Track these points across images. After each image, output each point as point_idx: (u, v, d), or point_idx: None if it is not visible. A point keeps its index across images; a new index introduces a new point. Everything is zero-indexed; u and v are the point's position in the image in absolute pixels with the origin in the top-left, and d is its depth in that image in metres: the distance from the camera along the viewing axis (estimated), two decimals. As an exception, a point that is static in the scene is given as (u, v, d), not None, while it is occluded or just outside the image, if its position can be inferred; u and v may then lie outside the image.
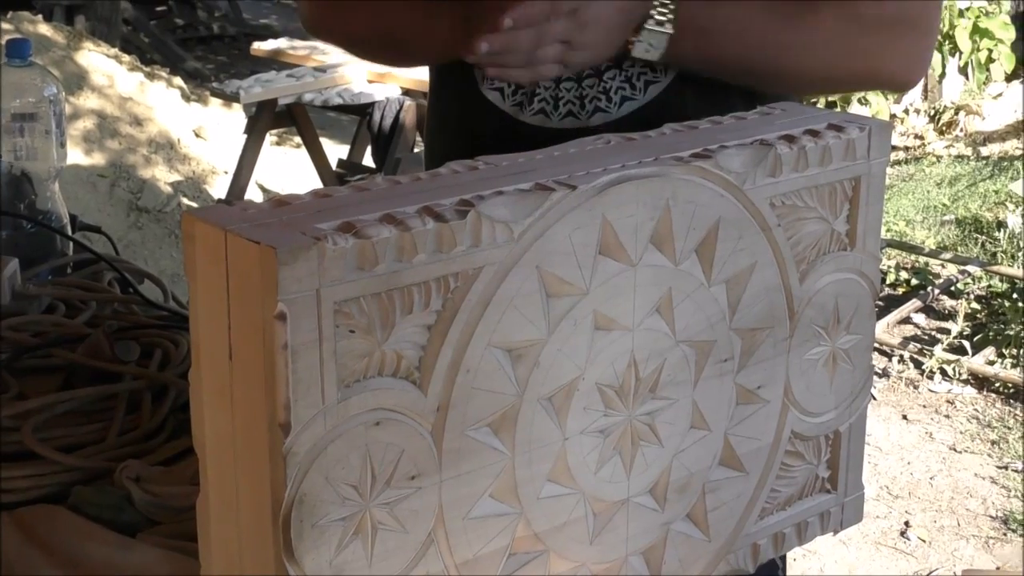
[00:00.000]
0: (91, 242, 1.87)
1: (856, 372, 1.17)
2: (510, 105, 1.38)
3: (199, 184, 5.92)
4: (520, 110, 1.39)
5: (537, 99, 1.38)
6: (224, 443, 0.87)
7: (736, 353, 1.07)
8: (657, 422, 1.03)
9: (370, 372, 0.86)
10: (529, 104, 1.38)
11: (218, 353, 0.85)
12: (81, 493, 1.21)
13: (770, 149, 1.04)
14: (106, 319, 1.55)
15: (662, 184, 0.98)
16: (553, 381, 0.95)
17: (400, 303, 0.86)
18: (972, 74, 6.96)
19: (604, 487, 1.02)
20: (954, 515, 3.52)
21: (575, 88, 1.39)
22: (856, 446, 1.20)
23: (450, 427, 0.90)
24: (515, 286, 0.91)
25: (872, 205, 1.13)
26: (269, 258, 0.79)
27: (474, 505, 0.94)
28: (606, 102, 1.40)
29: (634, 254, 0.97)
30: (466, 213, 0.87)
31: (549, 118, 1.38)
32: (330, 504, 0.85)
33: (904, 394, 4.22)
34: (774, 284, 1.08)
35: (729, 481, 1.11)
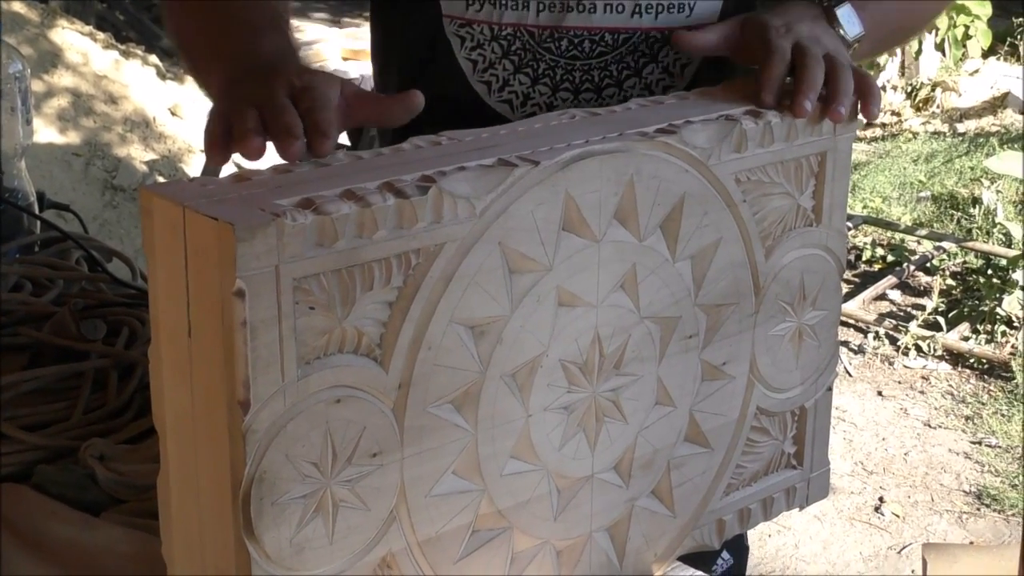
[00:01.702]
0: (63, 221, 1.86)
1: (822, 348, 1.17)
2: (476, 80, 1.37)
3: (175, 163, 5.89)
4: (488, 91, 1.37)
5: (508, 89, 1.36)
6: (184, 421, 0.87)
7: (701, 329, 1.07)
8: (622, 398, 1.03)
9: (330, 349, 0.86)
10: (499, 90, 1.36)
11: (177, 330, 0.85)
12: (45, 472, 1.20)
13: (735, 124, 1.04)
14: (73, 297, 1.54)
15: (626, 159, 0.97)
16: (516, 358, 0.95)
17: (360, 280, 0.85)
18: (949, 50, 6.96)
19: (568, 464, 1.01)
20: (928, 490, 3.53)
21: (549, 94, 1.36)
22: (822, 422, 1.21)
23: (412, 404, 0.90)
24: (477, 262, 0.91)
25: (838, 181, 1.13)
26: (227, 234, 0.79)
27: (436, 482, 0.93)
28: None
29: (598, 230, 0.97)
30: (427, 189, 0.87)
31: (513, 111, 1.36)
32: (290, 482, 0.85)
33: (879, 370, 4.23)
34: (739, 260, 1.08)
35: (694, 457, 1.11)
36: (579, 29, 1.33)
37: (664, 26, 1.34)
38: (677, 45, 1.20)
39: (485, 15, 1.33)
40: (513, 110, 1.37)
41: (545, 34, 1.34)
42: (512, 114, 1.37)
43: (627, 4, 1.33)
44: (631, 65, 1.36)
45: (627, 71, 1.36)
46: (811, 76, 1.09)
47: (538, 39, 1.34)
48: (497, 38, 1.34)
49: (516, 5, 1.33)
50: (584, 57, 1.35)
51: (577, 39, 1.34)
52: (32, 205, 1.77)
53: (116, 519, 1.15)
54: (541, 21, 1.33)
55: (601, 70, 1.35)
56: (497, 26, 1.34)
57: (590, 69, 1.35)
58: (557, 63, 1.35)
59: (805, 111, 1.08)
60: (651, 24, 1.34)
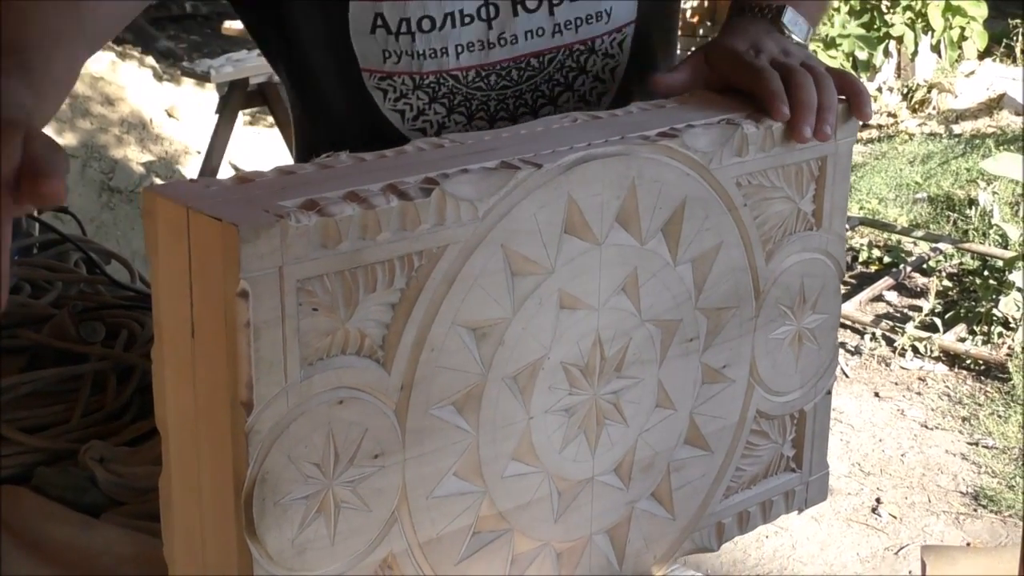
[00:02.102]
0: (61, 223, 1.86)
1: (822, 352, 1.17)
2: (409, 129, 1.35)
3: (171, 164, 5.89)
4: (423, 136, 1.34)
5: (445, 132, 1.34)
6: (186, 421, 0.87)
7: (702, 332, 1.07)
8: (622, 401, 1.03)
9: (333, 350, 0.86)
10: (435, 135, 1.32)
11: (180, 331, 0.85)
12: (44, 474, 1.20)
13: (737, 128, 1.04)
14: (71, 300, 1.54)
15: (628, 163, 0.98)
16: (518, 360, 0.95)
17: (364, 281, 0.86)
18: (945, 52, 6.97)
19: (569, 466, 1.02)
20: (925, 491, 3.54)
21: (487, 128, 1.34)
22: (821, 425, 1.21)
23: (414, 406, 0.90)
24: (480, 265, 0.91)
25: (838, 185, 1.13)
26: (231, 235, 0.79)
27: (438, 484, 0.94)
28: None
29: (600, 233, 0.97)
30: (430, 191, 0.87)
31: None
32: (292, 483, 0.85)
33: (876, 371, 4.24)
34: (740, 264, 1.08)
35: (694, 460, 1.11)
36: (504, 62, 1.32)
37: (587, 37, 1.34)
38: (655, 90, 1.20)
39: (404, 67, 1.31)
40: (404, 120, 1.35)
41: (471, 75, 1.32)
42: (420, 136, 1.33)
43: (546, 26, 1.32)
44: (561, 81, 1.35)
45: (559, 87, 1.36)
46: (805, 98, 1.09)
47: (464, 81, 1.32)
48: (420, 87, 1.32)
49: (435, 54, 1.30)
50: (514, 85, 1.34)
51: (504, 71, 1.33)
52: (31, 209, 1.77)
53: (115, 521, 1.15)
54: (463, 63, 1.31)
55: (533, 92, 1.35)
56: (418, 75, 1.31)
57: (522, 94, 1.35)
58: (488, 97, 1.34)
59: (805, 137, 1.08)
60: (573, 39, 1.34)
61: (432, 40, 1.29)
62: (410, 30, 1.29)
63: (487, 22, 1.30)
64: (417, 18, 1.28)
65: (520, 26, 1.31)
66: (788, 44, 1.21)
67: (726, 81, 1.16)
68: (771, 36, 1.22)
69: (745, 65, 1.14)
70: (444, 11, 1.28)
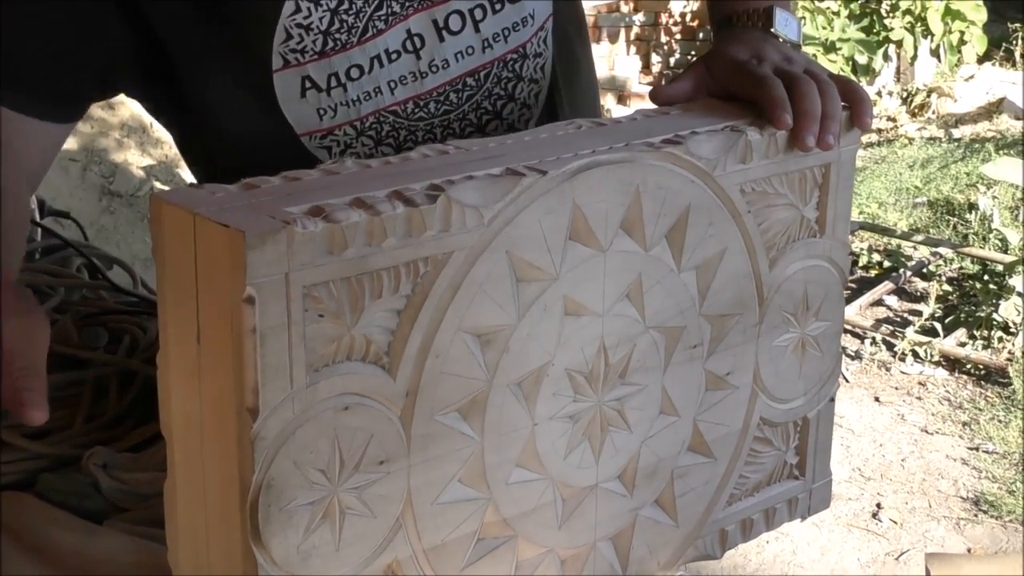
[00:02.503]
0: (62, 227, 1.86)
1: (825, 359, 1.18)
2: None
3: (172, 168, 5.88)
4: None
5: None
6: (192, 427, 0.87)
7: (705, 339, 1.07)
8: (626, 408, 1.03)
9: (339, 357, 0.86)
10: None
11: (186, 336, 0.85)
12: (47, 480, 1.20)
13: (741, 135, 1.04)
14: (74, 305, 1.54)
15: (632, 170, 0.98)
16: (522, 366, 0.95)
17: (370, 287, 0.86)
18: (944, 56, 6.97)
19: (573, 473, 1.02)
20: (925, 496, 3.54)
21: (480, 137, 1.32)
22: (824, 433, 1.21)
23: (419, 412, 0.90)
24: (485, 271, 0.91)
25: (841, 192, 1.13)
26: (238, 242, 0.79)
27: (443, 490, 0.94)
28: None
29: (604, 239, 0.97)
30: (436, 198, 0.87)
31: None
32: (298, 488, 0.85)
33: (876, 376, 4.24)
34: (744, 270, 1.08)
35: (697, 467, 1.11)
36: (439, 88, 1.31)
37: (516, 44, 1.33)
38: (656, 100, 1.19)
39: (342, 117, 1.28)
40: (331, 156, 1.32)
41: (409, 107, 1.30)
42: None
43: (475, 44, 1.30)
44: (502, 94, 1.34)
45: (500, 100, 1.35)
46: (809, 107, 1.09)
47: (404, 115, 1.30)
48: (363, 132, 1.30)
49: (368, 96, 1.28)
50: (455, 108, 1.32)
51: (441, 96, 1.31)
52: (33, 213, 1.77)
53: (119, 527, 1.15)
54: (398, 97, 1.29)
55: (476, 110, 1.33)
56: (358, 121, 1.29)
57: (465, 115, 1.33)
58: (432, 125, 1.32)
59: (809, 146, 1.08)
60: (504, 49, 1.33)
61: (364, 84, 1.27)
62: (340, 82, 1.26)
63: (414, 53, 1.28)
64: (344, 69, 1.26)
65: (449, 50, 1.29)
66: (789, 51, 1.21)
67: (728, 90, 1.16)
68: (770, 43, 1.21)
69: (747, 74, 1.14)
70: (369, 55, 1.26)
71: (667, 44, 7.54)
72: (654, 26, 7.49)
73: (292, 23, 1.23)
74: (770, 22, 1.23)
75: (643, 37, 7.49)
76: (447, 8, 1.28)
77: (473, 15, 1.30)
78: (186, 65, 1.27)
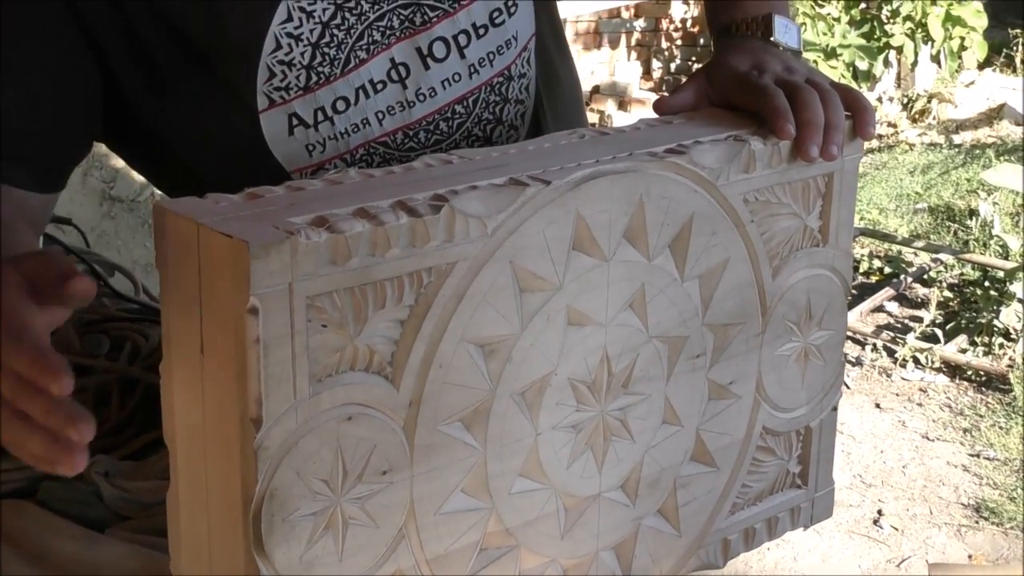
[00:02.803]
0: (63, 233, 1.86)
1: (828, 368, 1.18)
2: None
3: (172, 171, 5.88)
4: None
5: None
6: (195, 437, 0.87)
7: (708, 349, 1.07)
8: (629, 417, 1.03)
9: (342, 367, 0.86)
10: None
11: (189, 347, 0.85)
12: (49, 488, 1.20)
13: (744, 145, 1.04)
14: (75, 312, 1.53)
15: (636, 179, 0.98)
16: (526, 376, 0.95)
17: (373, 298, 0.86)
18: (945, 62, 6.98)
19: (576, 482, 1.02)
20: (926, 503, 3.54)
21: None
22: (827, 442, 1.21)
23: (422, 422, 0.90)
24: (488, 281, 0.91)
25: (844, 201, 1.13)
26: (241, 252, 0.79)
27: (445, 500, 0.94)
28: None
29: (608, 249, 0.97)
30: (440, 208, 0.87)
31: None
32: (301, 499, 0.85)
33: (877, 382, 4.23)
34: (747, 280, 1.08)
35: (700, 476, 1.11)
36: (428, 116, 1.29)
37: (502, 67, 1.32)
38: (659, 111, 1.19)
39: (331, 151, 1.27)
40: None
41: (399, 137, 1.29)
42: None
43: (462, 71, 1.29)
44: (490, 119, 1.33)
45: (489, 124, 1.33)
46: (811, 117, 1.09)
47: (394, 146, 1.29)
48: (352, 166, 1.28)
49: (356, 128, 1.27)
50: (447, 137, 1.31)
51: (431, 125, 1.30)
52: (36, 217, 1.77)
53: (121, 536, 1.15)
54: (387, 127, 1.28)
55: (467, 138, 1.32)
56: (348, 154, 1.27)
57: (457, 144, 1.32)
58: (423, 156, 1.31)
59: (812, 157, 1.08)
60: (491, 73, 1.31)
61: (351, 116, 1.26)
62: (327, 116, 1.25)
63: (400, 83, 1.27)
64: (331, 102, 1.25)
65: (435, 77, 1.28)
66: (790, 59, 1.21)
67: (730, 101, 1.16)
68: (771, 53, 1.21)
69: (749, 85, 1.14)
70: (354, 86, 1.25)
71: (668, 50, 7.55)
72: (655, 32, 7.50)
73: (274, 60, 1.21)
74: (770, 31, 1.23)
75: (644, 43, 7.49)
76: (430, 36, 1.27)
77: (457, 41, 1.28)
78: (168, 112, 1.25)
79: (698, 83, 1.20)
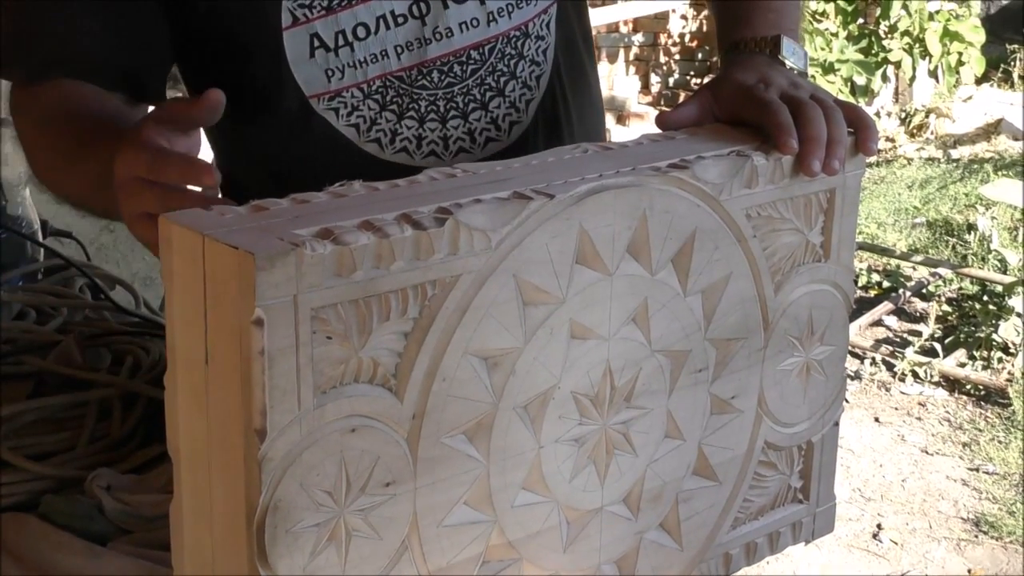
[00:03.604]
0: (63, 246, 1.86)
1: (829, 383, 1.18)
2: (365, 141, 1.36)
3: (171, 183, 5.89)
4: (380, 148, 1.36)
5: (399, 138, 1.36)
6: (199, 448, 0.87)
7: (711, 363, 1.07)
8: (631, 431, 1.04)
9: (346, 379, 0.86)
10: (390, 143, 1.36)
11: (194, 358, 0.85)
12: (51, 502, 1.20)
13: (747, 160, 1.05)
14: (77, 326, 1.54)
15: (639, 194, 0.98)
16: (529, 389, 0.95)
17: (377, 310, 0.86)
18: (942, 77, 6.99)
19: (578, 496, 1.02)
20: (926, 517, 3.53)
21: (439, 128, 1.37)
22: (829, 457, 1.21)
23: (426, 434, 0.90)
24: (492, 294, 0.91)
25: (847, 217, 1.13)
26: (247, 264, 0.79)
27: (448, 513, 0.94)
28: (470, 143, 1.38)
29: (611, 263, 0.98)
30: (444, 221, 0.87)
31: (412, 157, 1.37)
32: (304, 510, 0.85)
33: (876, 396, 4.24)
34: (749, 295, 1.08)
35: (702, 491, 1.11)
36: (444, 57, 1.34)
37: (520, 22, 1.37)
38: (662, 126, 1.20)
39: (349, 79, 1.32)
40: (411, 156, 1.37)
41: (413, 74, 1.34)
42: (412, 161, 1.37)
43: (480, 16, 1.35)
44: (504, 70, 1.38)
45: (503, 76, 1.38)
46: (815, 132, 1.09)
47: (409, 81, 1.34)
48: (369, 96, 1.34)
49: (375, 58, 1.32)
50: (459, 81, 1.36)
51: (445, 67, 1.35)
52: (36, 233, 1.78)
53: (123, 549, 1.15)
54: (404, 63, 1.33)
55: (479, 86, 1.37)
56: (365, 83, 1.33)
57: (469, 90, 1.36)
58: (436, 96, 1.36)
59: (814, 171, 1.08)
60: (508, 26, 1.36)
61: (371, 46, 1.32)
62: (347, 41, 1.31)
63: (420, 19, 1.33)
64: (351, 27, 1.31)
65: (452, 19, 1.33)
66: (796, 76, 1.22)
67: (735, 115, 1.16)
68: (777, 69, 1.22)
69: (754, 99, 1.14)
70: (375, 15, 1.31)
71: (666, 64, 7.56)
72: (653, 46, 7.51)
73: None
74: (778, 49, 1.24)
75: (642, 57, 7.51)
76: None
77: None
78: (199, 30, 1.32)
79: (702, 98, 1.21)
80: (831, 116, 1.11)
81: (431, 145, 1.36)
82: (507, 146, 1.40)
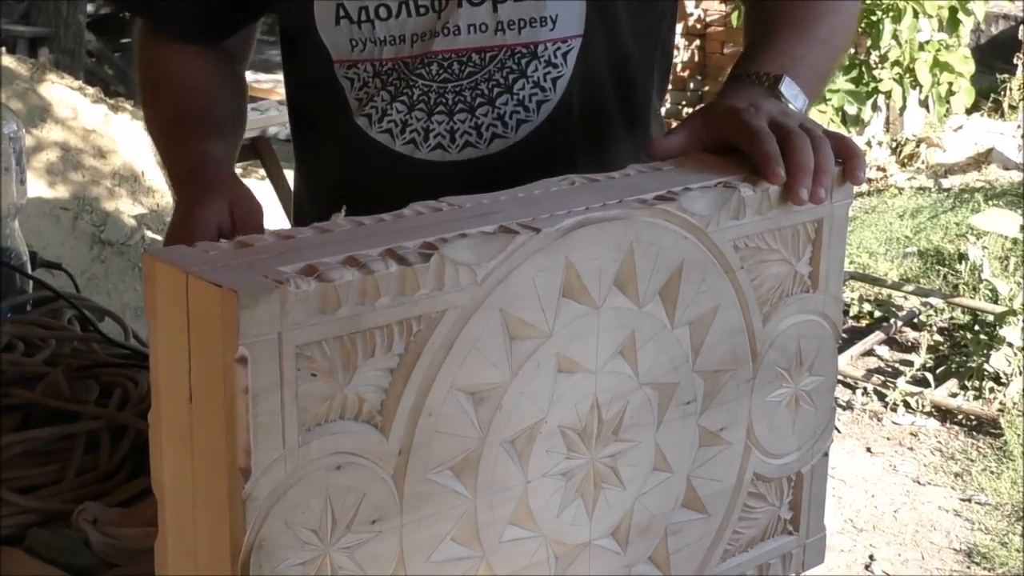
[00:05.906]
0: (52, 278, 1.86)
1: (818, 413, 1.17)
2: (401, 145, 1.40)
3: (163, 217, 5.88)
4: (415, 148, 1.39)
5: (432, 135, 1.39)
6: (183, 486, 0.86)
7: (699, 395, 1.07)
8: (619, 464, 1.03)
9: (332, 416, 0.86)
10: (424, 142, 1.39)
11: (178, 396, 0.85)
12: (37, 536, 1.19)
13: (734, 192, 1.05)
14: (65, 358, 1.53)
15: (626, 227, 0.98)
16: (516, 424, 0.95)
17: (362, 346, 0.85)
18: (933, 107, 7.01)
19: (566, 530, 1.01)
20: (918, 548, 3.53)
21: (469, 119, 1.39)
22: (818, 487, 1.21)
23: (412, 471, 0.90)
24: (478, 329, 0.91)
25: (834, 247, 1.13)
26: (230, 301, 0.79)
27: (435, 549, 0.93)
28: (503, 127, 1.40)
29: (598, 297, 0.97)
30: (429, 256, 0.87)
31: (447, 152, 1.39)
32: (289, 549, 0.85)
33: (868, 426, 4.23)
34: (737, 326, 1.08)
35: (691, 523, 1.11)
36: (446, 52, 1.38)
37: (529, 40, 1.38)
38: (653, 155, 1.20)
39: (367, 54, 1.39)
40: (393, 139, 1.41)
41: (416, 61, 1.39)
42: (392, 143, 1.41)
43: (489, 22, 1.37)
44: (501, 82, 1.39)
45: (498, 88, 1.39)
46: (802, 160, 1.09)
47: (411, 67, 1.39)
48: (379, 74, 1.40)
49: (394, 40, 1.38)
50: (455, 79, 1.39)
51: (446, 62, 1.38)
52: (25, 264, 1.77)
53: (109, 583, 1.14)
54: (415, 51, 1.38)
55: (472, 90, 1.39)
56: (378, 62, 1.39)
57: (461, 90, 1.39)
58: (430, 87, 1.39)
59: (802, 200, 1.08)
60: (515, 40, 1.38)
61: (391, 27, 1.37)
62: (369, 18, 1.37)
63: (437, 13, 1.37)
64: (375, 7, 1.37)
65: (463, 18, 1.36)
66: (787, 107, 1.22)
67: (724, 141, 1.16)
68: (770, 99, 1.22)
69: (743, 124, 1.14)
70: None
71: (657, 94, 7.56)
72: (645, 76, 7.52)
73: None
74: (778, 83, 1.24)
75: (634, 87, 7.51)
76: None
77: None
78: None
79: (692, 125, 1.21)
80: (818, 146, 1.11)
81: (464, 136, 1.40)
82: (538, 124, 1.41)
